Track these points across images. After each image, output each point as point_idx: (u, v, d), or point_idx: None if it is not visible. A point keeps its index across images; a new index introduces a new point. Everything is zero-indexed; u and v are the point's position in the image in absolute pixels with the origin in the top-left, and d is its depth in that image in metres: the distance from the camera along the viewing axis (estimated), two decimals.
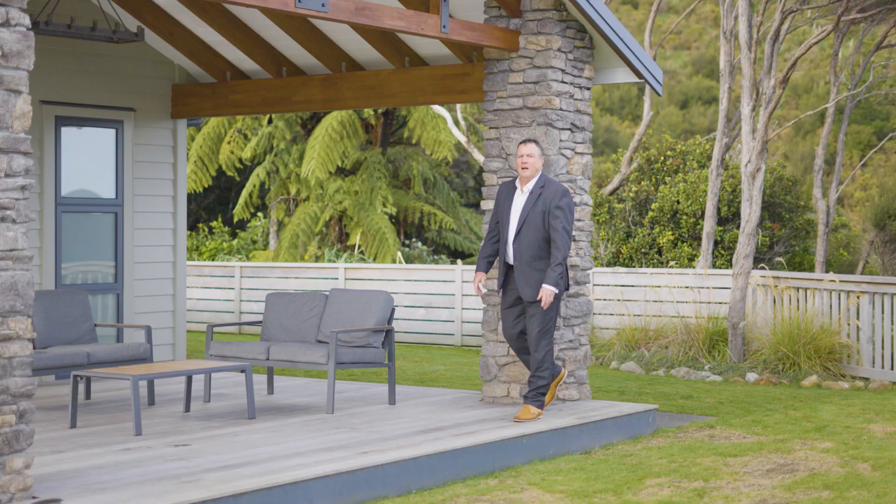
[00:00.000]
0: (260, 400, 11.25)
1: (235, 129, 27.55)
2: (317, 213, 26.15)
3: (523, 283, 9.90)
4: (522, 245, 9.91)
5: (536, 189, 9.96)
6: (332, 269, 20.68)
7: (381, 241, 24.93)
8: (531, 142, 10.05)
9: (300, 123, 27.55)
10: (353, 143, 25.98)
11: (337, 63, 12.53)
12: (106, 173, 13.11)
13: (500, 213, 10.12)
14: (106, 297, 13.09)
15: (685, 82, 55.14)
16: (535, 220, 9.89)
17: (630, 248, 19.18)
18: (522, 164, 9.99)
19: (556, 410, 10.50)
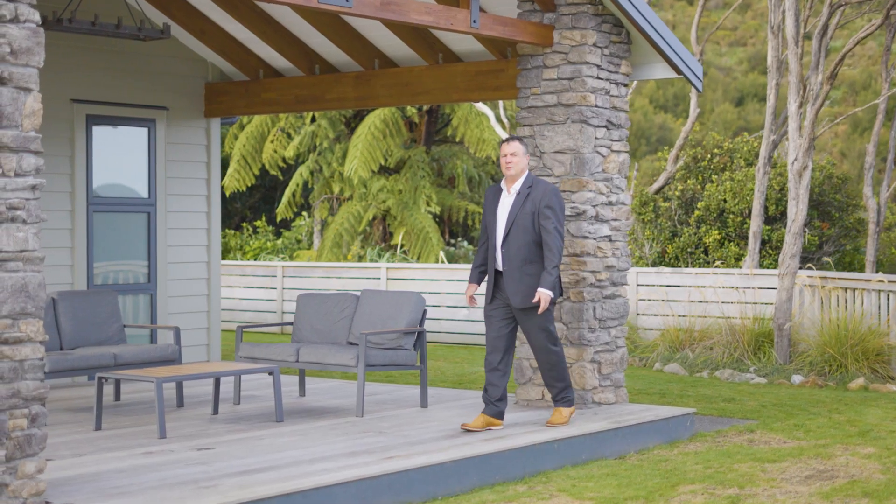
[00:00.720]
0: (290, 402, 11.07)
1: (279, 127, 27.44)
2: (360, 213, 25.99)
3: (514, 289, 9.29)
4: (511, 249, 9.33)
5: (524, 189, 9.39)
6: (373, 269, 20.50)
7: (425, 240, 24.72)
8: (514, 140, 9.48)
9: (344, 122, 27.41)
10: (396, 142, 25.79)
11: (370, 60, 12.34)
12: (138, 172, 13.00)
13: (487, 217, 9.52)
14: (139, 298, 12.98)
15: (741, 79, 54.61)
16: (523, 221, 9.31)
17: (676, 248, 18.86)
18: (506, 163, 9.41)
19: (591, 414, 10.24)
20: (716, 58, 57.01)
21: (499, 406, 9.44)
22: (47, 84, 12.12)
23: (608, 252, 10.79)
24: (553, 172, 10.70)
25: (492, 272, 9.47)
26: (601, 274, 10.70)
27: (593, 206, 10.66)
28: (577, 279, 10.56)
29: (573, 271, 10.57)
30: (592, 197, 10.64)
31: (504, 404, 9.46)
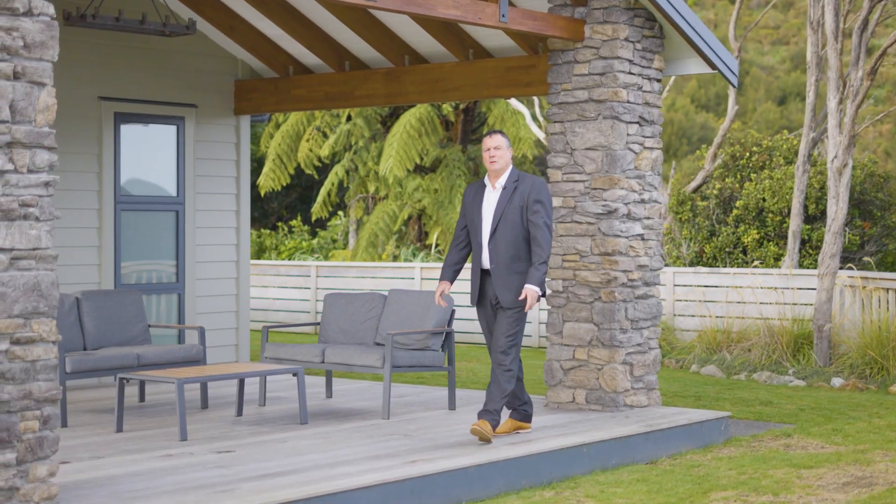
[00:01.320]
0: (317, 404, 10.90)
1: (314, 126, 27.29)
2: (395, 212, 25.79)
3: (503, 287, 8.80)
4: (499, 247, 8.82)
5: (510, 184, 8.88)
6: (407, 269, 20.31)
7: None
8: (497, 133, 8.99)
9: (379, 120, 27.23)
10: (431, 141, 25.56)
11: (400, 56, 12.15)
12: (166, 170, 12.87)
13: (469, 215, 9.00)
14: (167, 298, 12.84)
15: (783, 78, 54.08)
16: (511, 217, 8.80)
17: (713, 248, 18.55)
18: (490, 158, 8.89)
19: (623, 417, 10.01)
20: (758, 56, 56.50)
21: (529, 410, 9.26)
22: (75, 81, 12.02)
23: (640, 251, 10.55)
24: (584, 170, 10.48)
25: (477, 272, 8.96)
26: (633, 273, 10.46)
27: (625, 204, 10.42)
28: (608, 279, 10.33)
29: (604, 270, 10.34)
30: (624, 195, 10.40)
31: (530, 407, 9.25)
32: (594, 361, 10.42)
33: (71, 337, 10.38)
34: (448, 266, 9.15)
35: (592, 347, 10.44)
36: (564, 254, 10.60)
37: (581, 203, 10.49)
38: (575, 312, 10.52)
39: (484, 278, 8.96)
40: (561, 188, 10.61)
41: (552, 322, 10.66)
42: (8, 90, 6.53)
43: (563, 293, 10.61)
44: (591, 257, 10.45)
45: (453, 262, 9.13)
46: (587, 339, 10.45)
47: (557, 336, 10.64)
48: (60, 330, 10.30)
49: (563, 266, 10.61)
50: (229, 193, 13.38)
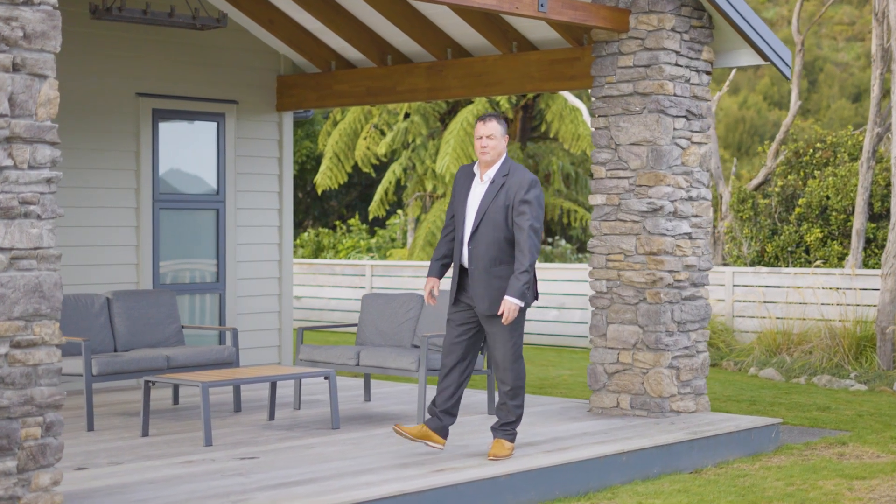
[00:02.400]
0: (353, 407, 10.59)
1: (372, 124, 27.00)
2: None
3: (480, 293, 7.97)
4: (480, 246, 7.97)
5: (498, 178, 8.00)
6: None
7: None
8: (492, 118, 8.06)
9: (438, 118, 26.88)
10: None
11: (442, 50, 11.81)
12: (207, 168, 12.62)
13: (456, 205, 8.16)
14: (207, 298, 12.59)
15: (858, 75, 53.10)
16: (495, 216, 7.95)
17: (775, 247, 18.00)
18: (482, 146, 8.01)
19: (668, 424, 9.59)
20: (832, 53, 55.54)
21: (443, 420, 8.21)
22: (112, 78, 11.81)
23: (688, 250, 10.12)
24: (629, 166, 10.07)
25: (456, 268, 8.14)
26: (680, 274, 10.04)
27: (671, 202, 10.00)
28: (653, 279, 9.92)
29: (649, 271, 9.93)
30: (670, 192, 9.98)
31: (450, 420, 8.22)
32: (639, 365, 10.01)
33: (101, 338, 10.15)
34: (436, 260, 8.29)
35: (637, 351, 10.03)
36: (609, 253, 10.20)
37: (625, 200, 10.09)
38: (619, 314, 10.12)
39: (462, 277, 8.16)
40: (605, 185, 10.21)
41: (596, 324, 10.27)
42: (7, 82, 6.27)
43: (606, 294, 10.22)
44: (636, 257, 10.04)
45: (441, 255, 8.26)
46: (632, 341, 10.05)
47: (601, 339, 10.25)
48: (90, 331, 10.09)
49: (607, 266, 10.22)
50: (271, 191, 13.10)
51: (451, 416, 8.25)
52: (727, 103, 50.23)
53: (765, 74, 51.86)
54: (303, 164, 30.59)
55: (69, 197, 11.51)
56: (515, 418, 8.22)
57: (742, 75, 52.33)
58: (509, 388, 8.15)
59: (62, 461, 7.98)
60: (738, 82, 52.36)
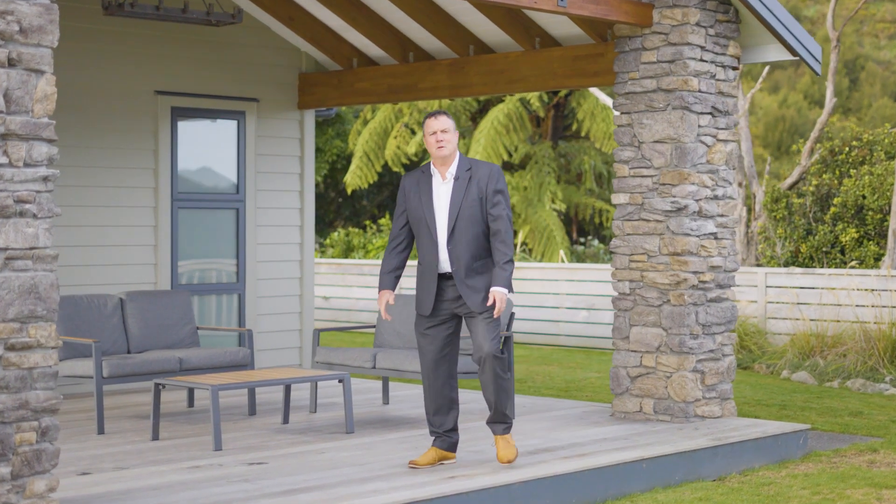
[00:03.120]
0: (371, 411, 10.38)
1: (402, 123, 26.80)
2: None
3: (469, 291, 7.63)
4: (460, 246, 7.65)
5: (462, 173, 7.68)
6: None
7: (549, 238, 23.82)
8: (442, 114, 7.75)
9: (469, 117, 26.65)
10: (520, 137, 24.89)
11: (464, 46, 11.58)
12: (226, 167, 12.45)
13: (414, 212, 7.77)
14: (227, 298, 12.42)
15: None
16: (470, 211, 7.63)
17: (810, 247, 17.65)
18: (437, 142, 7.65)
19: (692, 430, 9.33)
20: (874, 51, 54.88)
21: (451, 437, 7.93)
22: (130, 75, 11.66)
23: (713, 251, 9.85)
24: (652, 164, 9.82)
25: (431, 279, 7.75)
26: (705, 275, 9.77)
27: (696, 201, 9.74)
28: (677, 280, 9.66)
29: (673, 272, 9.67)
30: (695, 190, 9.72)
31: (458, 435, 7.98)
32: (662, 369, 9.76)
33: (114, 339, 10.00)
34: (387, 273, 7.86)
35: (661, 354, 9.77)
36: (631, 254, 9.95)
37: (649, 199, 9.83)
38: (642, 316, 9.87)
39: (441, 283, 7.75)
40: (627, 184, 9.96)
41: (618, 326, 10.02)
42: (2, 78, 6.11)
43: (629, 296, 9.97)
44: (660, 257, 9.78)
45: (393, 266, 7.86)
46: (655, 344, 9.79)
47: (624, 341, 10.00)
48: (102, 332, 9.93)
49: (630, 267, 9.97)
50: (293, 190, 12.92)
51: (456, 431, 8.00)
52: (767, 102, 49.72)
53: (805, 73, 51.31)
54: (333, 164, 30.40)
55: (86, 196, 11.37)
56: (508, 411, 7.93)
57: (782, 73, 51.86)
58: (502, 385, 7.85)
59: (65, 466, 7.82)
60: (777, 80, 51.87)
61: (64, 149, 11.20)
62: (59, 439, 8.83)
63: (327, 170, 29.94)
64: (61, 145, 11.20)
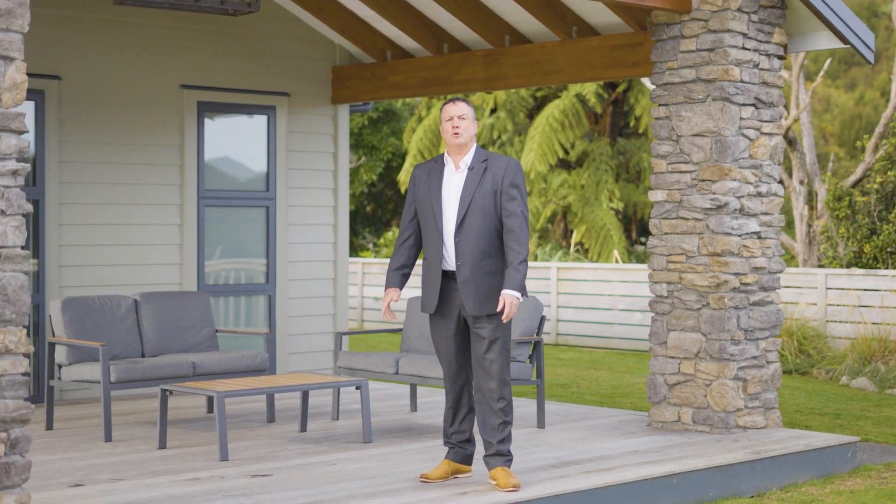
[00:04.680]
0: (397, 418, 9.90)
1: None
2: (538, 209, 24.59)
3: (471, 292, 7.05)
4: (469, 240, 7.07)
5: (477, 163, 7.15)
6: (543, 269, 19.18)
7: (606, 238, 23.20)
8: (461, 100, 7.23)
9: (526, 113, 26.08)
10: (576, 134, 24.28)
11: (499, 37, 11.07)
12: (256, 164, 12.04)
13: (423, 203, 7.23)
14: (256, 300, 12.00)
15: None
16: (483, 203, 7.07)
17: (874, 247, 16.91)
18: (453, 128, 7.12)
19: (731, 442, 8.75)
20: None
21: (466, 449, 7.42)
22: (154, 69, 11.28)
23: (756, 251, 9.26)
24: (691, 159, 9.25)
25: (435, 275, 7.20)
26: (747, 277, 9.18)
27: (737, 198, 9.15)
28: (717, 282, 9.08)
29: (713, 273, 9.10)
30: (736, 187, 9.13)
31: (473, 447, 7.45)
32: (701, 376, 9.18)
33: (127, 343, 9.60)
34: (394, 271, 7.33)
35: (700, 360, 9.20)
36: (669, 254, 9.39)
37: (687, 196, 9.26)
38: (680, 320, 9.30)
39: (446, 282, 7.20)
40: (665, 180, 9.40)
41: (655, 331, 9.46)
42: None
43: (667, 298, 9.41)
44: (699, 258, 9.21)
45: (401, 264, 7.33)
46: (694, 350, 9.22)
47: (661, 347, 9.44)
48: (115, 335, 9.54)
49: (667, 268, 9.41)
50: (326, 188, 12.48)
51: (472, 442, 7.48)
52: (843, 99, 48.62)
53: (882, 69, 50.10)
54: (388, 162, 29.98)
55: (108, 193, 11.02)
56: (508, 435, 7.26)
57: (859, 71, 50.67)
58: (505, 402, 7.21)
59: (58, 477, 7.44)
60: (854, 77, 50.70)
61: (84, 145, 10.85)
62: (63, 447, 8.49)
63: (382, 168, 29.50)
64: (82, 141, 10.85)
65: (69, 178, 10.80)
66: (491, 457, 7.25)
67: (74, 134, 10.83)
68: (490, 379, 7.19)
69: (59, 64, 10.74)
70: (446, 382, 7.43)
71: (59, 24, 10.71)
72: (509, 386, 7.26)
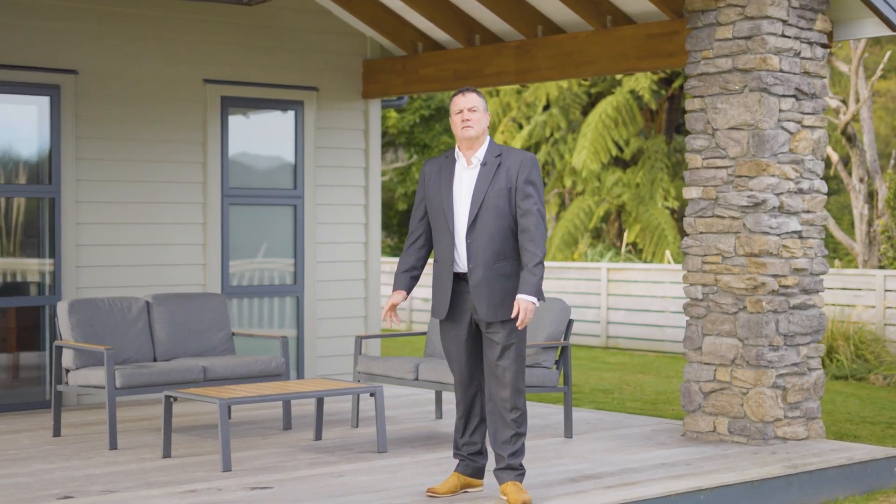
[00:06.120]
0: (421, 426, 9.47)
1: (510, 117, 25.81)
2: (591, 208, 24.04)
3: (484, 296, 6.63)
4: (481, 239, 6.65)
5: (490, 158, 6.70)
6: (593, 270, 18.67)
7: (660, 238, 22.61)
8: (471, 91, 6.75)
9: (580, 109, 25.53)
10: (630, 131, 23.70)
11: (532, 27, 10.60)
12: (283, 161, 11.66)
13: (433, 200, 6.81)
14: (282, 301, 11.61)
15: None
16: (496, 201, 6.64)
17: None
18: (463, 121, 6.68)
19: (767, 454, 8.22)
20: None
21: (477, 461, 7.00)
22: (176, 63, 10.94)
23: (797, 251, 8.72)
24: (727, 153, 8.73)
25: (446, 278, 6.77)
26: (787, 279, 8.64)
27: (776, 195, 8.61)
28: (754, 285, 8.55)
29: (750, 275, 8.57)
30: (775, 183, 8.59)
31: (485, 460, 7.03)
32: (738, 384, 8.66)
33: (137, 346, 9.24)
34: (403, 273, 6.92)
35: (736, 367, 8.67)
36: (705, 255, 8.88)
37: (723, 193, 8.74)
38: (716, 325, 8.79)
39: (457, 285, 6.77)
40: (700, 176, 8.88)
41: (690, 336, 8.95)
42: None
43: (702, 301, 8.89)
44: (735, 259, 8.69)
45: (410, 266, 6.92)
46: (730, 357, 8.70)
47: (696, 352, 8.92)
48: (125, 338, 9.20)
49: (703, 269, 8.89)
50: (357, 186, 12.07)
51: (484, 455, 7.05)
52: None
53: None
54: None
55: (129, 192, 10.69)
56: (520, 448, 6.83)
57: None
58: (519, 413, 6.78)
59: (50, 488, 7.09)
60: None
61: (102, 141, 10.53)
62: (65, 455, 8.14)
63: None
64: (99, 137, 10.53)
65: (86, 175, 10.48)
66: (502, 470, 6.82)
67: (92, 130, 10.51)
68: (503, 387, 6.75)
69: (76, 58, 10.42)
70: (457, 391, 7.01)
71: (75, 16, 10.39)
72: (524, 395, 6.83)
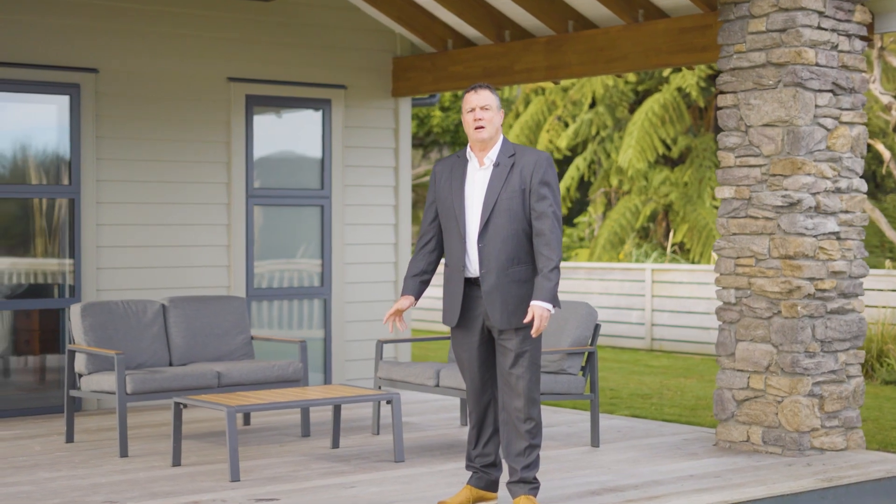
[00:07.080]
0: (445, 434, 9.16)
1: (555, 116, 25.41)
2: (638, 207, 23.61)
3: (498, 303, 6.36)
4: (494, 243, 6.36)
5: (504, 159, 6.42)
6: (637, 271, 18.27)
7: (709, 238, 22.15)
8: (484, 88, 6.47)
9: (627, 108, 25.09)
10: (677, 129, 23.25)
11: (563, 22, 10.26)
12: (309, 161, 11.40)
13: (445, 202, 6.53)
14: (309, 303, 11.36)
15: None
16: (510, 203, 6.37)
17: None
18: (475, 121, 6.40)
19: (802, 466, 7.85)
20: None
21: (491, 474, 6.72)
22: (200, 61, 10.72)
23: (835, 254, 8.33)
24: (761, 151, 8.35)
25: (458, 284, 6.50)
26: (824, 282, 8.26)
27: (812, 194, 8.23)
28: (789, 288, 8.17)
29: (785, 278, 8.19)
30: (811, 182, 8.21)
31: (499, 472, 6.76)
32: (772, 392, 8.29)
33: (153, 351, 9.00)
34: (413, 277, 6.64)
35: (770, 374, 8.30)
36: (738, 257, 8.51)
37: (757, 193, 8.37)
38: (749, 330, 8.42)
39: (469, 290, 6.49)
40: (733, 175, 8.52)
41: (723, 341, 8.59)
42: None
43: (735, 305, 8.53)
44: (770, 261, 8.31)
45: (420, 270, 6.62)
46: (764, 363, 8.33)
47: (729, 359, 8.56)
48: (140, 342, 8.97)
49: (735, 272, 8.53)
50: (386, 185, 11.79)
51: (497, 467, 6.75)
52: None
53: None
54: None
55: (151, 192, 10.47)
56: (533, 461, 6.53)
57: None
58: (533, 423, 6.47)
59: (50, 498, 6.86)
60: None
61: (123, 141, 10.33)
62: (74, 462, 7.92)
63: None
64: (120, 137, 10.32)
65: (107, 175, 10.27)
66: (515, 484, 6.52)
67: (112, 130, 10.30)
68: (517, 397, 6.46)
69: (96, 56, 10.22)
70: (469, 400, 6.72)
71: (95, 13, 10.19)
72: (538, 405, 6.52)
